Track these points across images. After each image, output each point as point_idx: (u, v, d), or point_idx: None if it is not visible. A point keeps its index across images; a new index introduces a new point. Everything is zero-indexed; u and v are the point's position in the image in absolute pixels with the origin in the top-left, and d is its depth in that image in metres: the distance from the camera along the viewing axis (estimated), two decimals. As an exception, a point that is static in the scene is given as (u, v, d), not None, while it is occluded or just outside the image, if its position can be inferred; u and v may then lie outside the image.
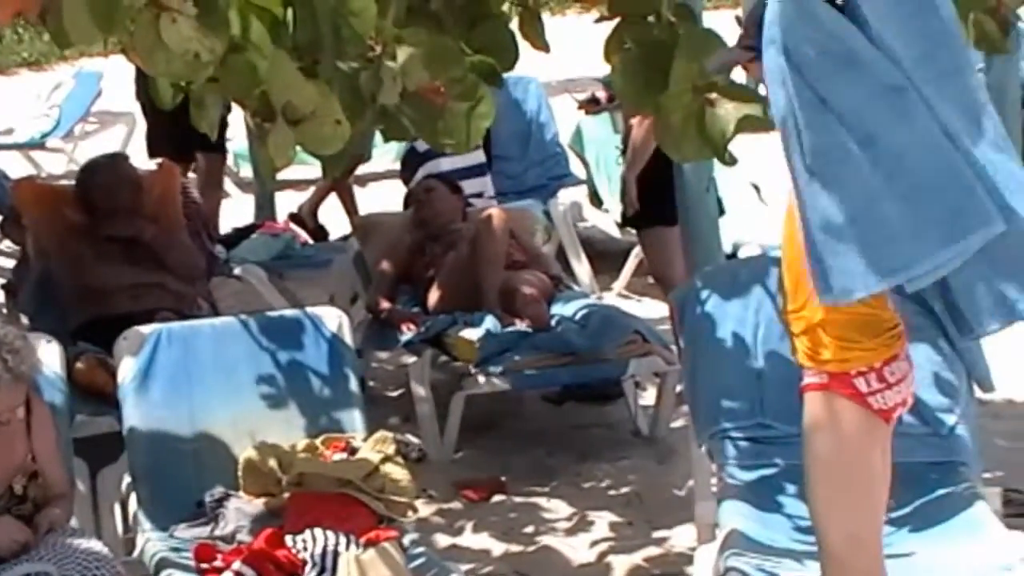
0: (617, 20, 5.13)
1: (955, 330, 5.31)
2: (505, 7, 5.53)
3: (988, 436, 6.61)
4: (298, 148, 4.35)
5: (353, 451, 5.82)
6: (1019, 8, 5.60)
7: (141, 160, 9.32)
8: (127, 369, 6.12)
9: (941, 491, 5.54)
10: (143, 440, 6.07)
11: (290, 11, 4.12)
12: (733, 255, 8.49)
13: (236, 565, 5.33)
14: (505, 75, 5.11)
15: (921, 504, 5.51)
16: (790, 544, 5.33)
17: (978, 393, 6.13)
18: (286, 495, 5.65)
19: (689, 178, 6.89)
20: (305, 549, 5.37)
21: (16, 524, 5.22)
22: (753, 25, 4.71)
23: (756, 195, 10.11)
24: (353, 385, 6.27)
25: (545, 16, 5.27)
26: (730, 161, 5.23)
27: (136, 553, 5.77)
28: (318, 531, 5.42)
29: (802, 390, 4.76)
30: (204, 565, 5.41)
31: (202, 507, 5.84)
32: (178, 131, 7.11)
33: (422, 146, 8.99)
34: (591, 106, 10.33)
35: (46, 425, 5.54)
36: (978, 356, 6.15)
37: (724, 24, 5.67)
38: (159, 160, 8.86)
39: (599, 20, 5.20)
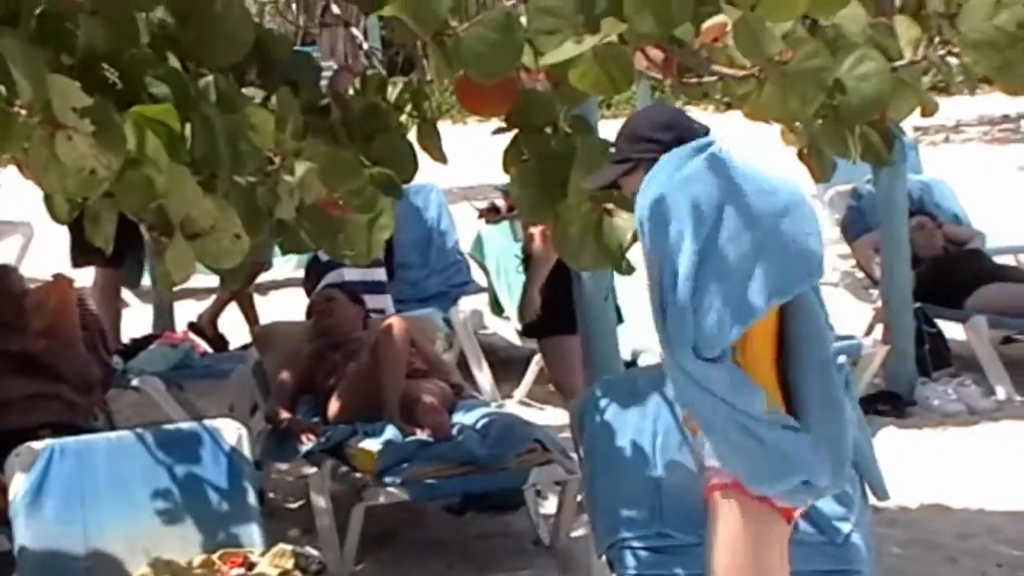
0: (515, 131, 5.18)
1: None
2: (403, 119, 5.59)
3: (883, 544, 6.68)
4: (197, 258, 4.37)
5: (251, 566, 5.78)
6: (902, 121, 5.70)
7: (44, 269, 9.30)
8: (19, 486, 6.05)
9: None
10: (34, 560, 5.99)
11: (188, 126, 4.13)
12: (632, 363, 8.51)
13: None
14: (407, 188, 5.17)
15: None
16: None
17: (872, 501, 6.22)
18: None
19: (588, 287, 6.94)
20: None
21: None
22: (626, 139, 4.81)
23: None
24: (251, 498, 6.24)
25: (446, 124, 5.32)
26: (627, 270, 5.28)
27: None
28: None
29: (707, 491, 4.79)
30: None
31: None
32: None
33: (325, 255, 9.00)
34: (491, 215, 10.37)
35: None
36: (872, 464, 6.22)
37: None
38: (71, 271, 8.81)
39: (496, 132, 5.25)
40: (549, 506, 8.00)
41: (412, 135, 5.63)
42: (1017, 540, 7.66)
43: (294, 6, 5.04)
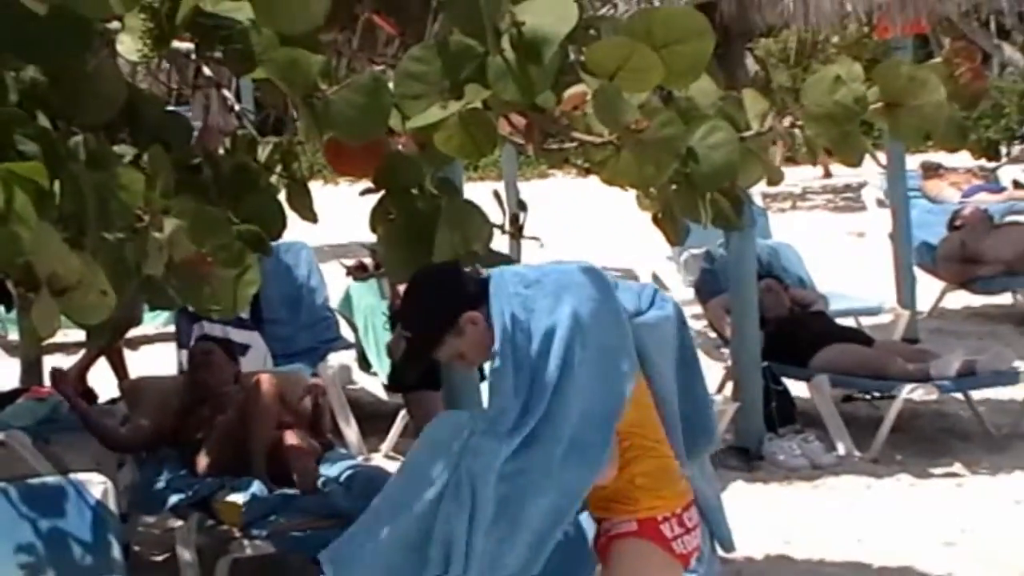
0: (382, 192, 5.17)
1: None
2: (273, 178, 5.55)
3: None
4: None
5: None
6: (750, 189, 5.77)
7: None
8: None
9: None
10: None
11: (56, 183, 4.07)
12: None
13: None
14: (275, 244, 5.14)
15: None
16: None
17: (720, 552, 6.24)
18: None
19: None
20: None
21: None
22: None
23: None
24: (116, 552, 6.17)
25: (318, 184, 5.30)
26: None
27: None
28: None
29: (607, 541, 4.86)
30: None
31: None
32: None
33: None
34: (359, 272, 10.41)
35: None
36: (720, 517, 6.23)
37: (484, 196, 5.75)
38: None
39: (364, 193, 5.23)
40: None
41: (283, 194, 5.63)
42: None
43: (166, 67, 5.00)
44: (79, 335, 9.14)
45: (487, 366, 5.13)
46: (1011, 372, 10.49)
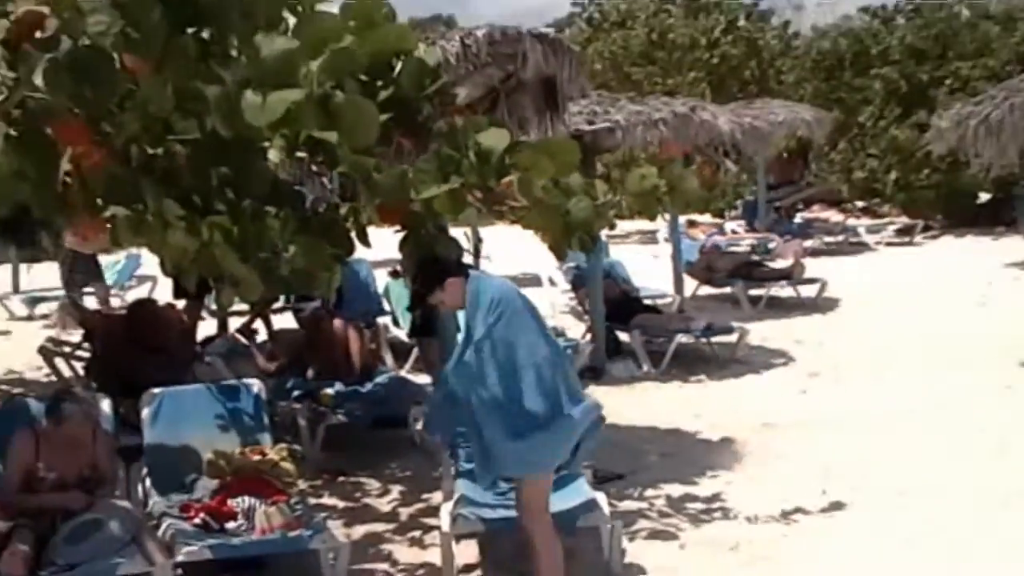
0: (406, 232, 5.08)
1: None
2: (348, 224, 5.47)
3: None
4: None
5: (264, 454, 5.68)
6: (600, 231, 5.71)
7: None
8: (145, 411, 5.95)
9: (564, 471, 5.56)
10: (155, 451, 5.88)
11: (235, 228, 4.04)
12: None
13: (202, 515, 5.19)
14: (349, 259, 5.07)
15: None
16: (491, 500, 5.32)
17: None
18: (229, 478, 5.50)
19: (445, 316, 6.91)
20: (238, 506, 5.25)
21: (82, 495, 5.02)
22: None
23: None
24: (265, 420, 6.16)
25: (372, 228, 5.17)
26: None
27: (148, 508, 5.57)
28: (245, 496, 5.30)
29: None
30: (185, 515, 5.27)
31: (184, 485, 5.66)
32: None
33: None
34: (394, 275, 10.38)
35: (103, 441, 5.35)
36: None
37: (460, 234, 5.72)
38: None
39: (396, 232, 5.11)
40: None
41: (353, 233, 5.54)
42: (671, 452, 7.69)
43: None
44: (244, 307, 9.08)
45: (462, 322, 5.10)
46: (728, 327, 10.55)
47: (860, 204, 22.51)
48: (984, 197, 21.03)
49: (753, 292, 13.32)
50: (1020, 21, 22.09)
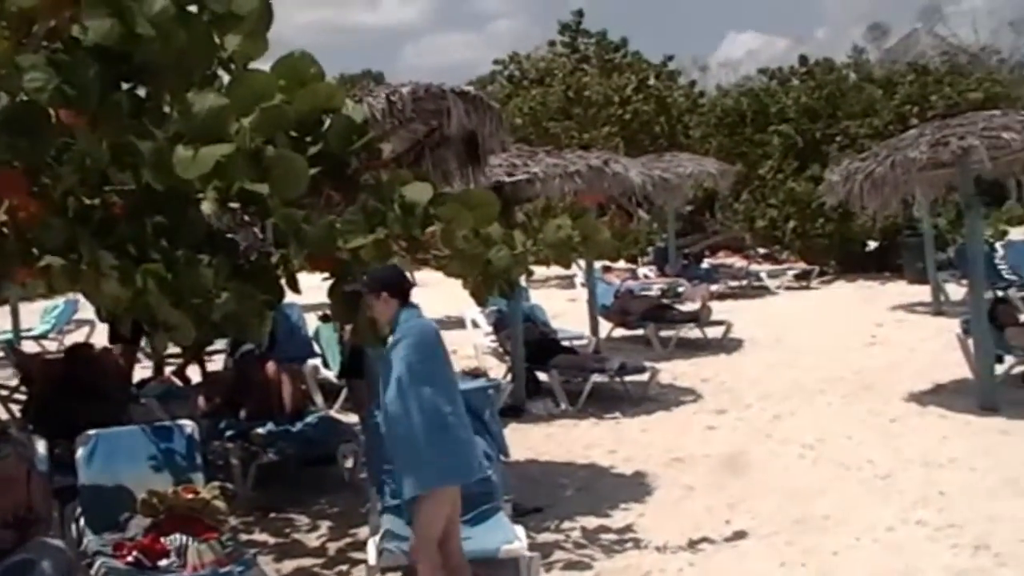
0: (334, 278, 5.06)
1: None
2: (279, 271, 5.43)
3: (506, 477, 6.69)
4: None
5: (196, 492, 5.55)
6: (519, 277, 5.74)
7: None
8: (82, 454, 5.76)
9: (485, 505, 5.55)
10: (90, 490, 5.72)
11: (169, 275, 3.98)
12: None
13: (134, 553, 5.06)
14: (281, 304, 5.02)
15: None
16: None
17: (502, 457, 6.23)
18: (162, 516, 5.36)
19: (370, 353, 6.86)
20: (171, 544, 5.12)
21: (12, 533, 4.86)
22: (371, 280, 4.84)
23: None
24: (199, 460, 6.00)
25: (303, 274, 5.13)
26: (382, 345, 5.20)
27: (82, 547, 5.40)
28: (177, 534, 5.17)
29: None
30: (118, 553, 5.13)
31: (118, 524, 5.50)
32: None
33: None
34: (324, 319, 10.27)
35: (37, 482, 5.18)
36: (502, 439, 6.24)
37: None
38: None
39: (325, 279, 5.08)
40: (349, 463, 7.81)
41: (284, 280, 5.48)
42: (586, 486, 7.67)
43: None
44: (178, 350, 8.89)
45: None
46: (641, 367, 10.61)
47: (762, 250, 22.95)
48: (872, 245, 21.58)
49: (664, 333, 13.44)
50: (900, 85, 22.85)
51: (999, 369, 9.49)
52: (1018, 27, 49.27)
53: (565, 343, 11.45)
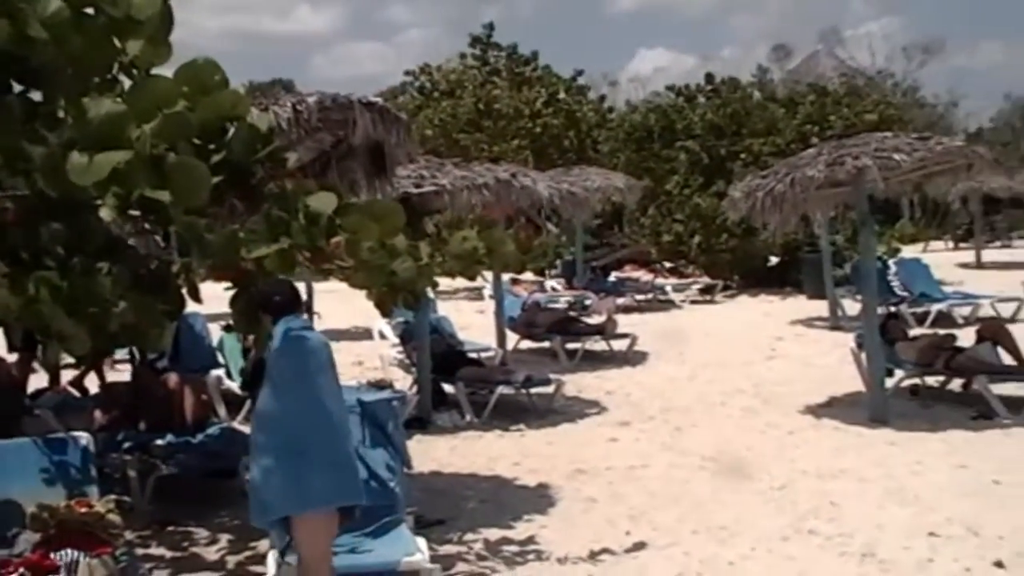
0: (236, 288, 5.00)
1: None
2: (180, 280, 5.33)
3: (410, 489, 6.67)
4: None
5: (90, 506, 5.39)
6: (424, 289, 5.74)
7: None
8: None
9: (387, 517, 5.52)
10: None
11: (65, 283, 3.88)
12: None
13: (21, 569, 4.91)
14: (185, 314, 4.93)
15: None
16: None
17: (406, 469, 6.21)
18: (52, 531, 5.20)
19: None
20: (61, 560, 4.97)
21: None
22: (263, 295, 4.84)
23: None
24: (93, 473, 5.82)
25: (207, 284, 5.07)
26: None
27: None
28: (68, 550, 5.00)
29: None
30: (3, 571, 4.96)
31: (6, 539, 5.32)
32: None
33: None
34: (227, 328, 10.07)
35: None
36: (406, 451, 6.22)
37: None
38: None
39: (227, 289, 5.02)
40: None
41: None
42: (490, 498, 7.69)
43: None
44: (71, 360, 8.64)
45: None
46: (546, 379, 10.67)
47: (668, 265, 23.33)
48: (774, 260, 22.10)
49: (570, 346, 13.56)
50: (801, 105, 23.51)
51: (889, 382, 9.80)
52: (910, 53, 51.18)
53: (472, 355, 11.48)
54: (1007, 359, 9.78)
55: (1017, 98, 51.25)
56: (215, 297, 4.99)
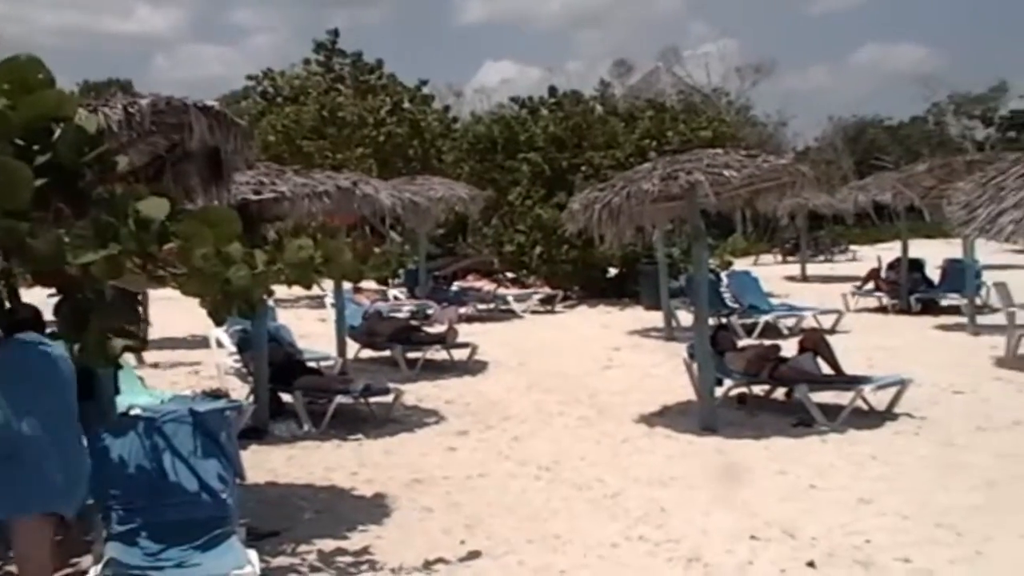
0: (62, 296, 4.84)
1: None
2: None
3: (245, 501, 6.55)
4: None
5: None
6: (259, 298, 5.64)
7: None
8: None
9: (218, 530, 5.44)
10: None
11: None
12: (125, 414, 8.01)
13: None
14: None
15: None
16: (141, 562, 5.10)
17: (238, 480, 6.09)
18: None
19: (99, 374, 6.55)
20: None
21: None
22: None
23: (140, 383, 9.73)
24: None
25: (35, 290, 4.91)
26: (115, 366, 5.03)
27: None
28: None
29: None
30: None
31: None
32: None
33: None
34: (55, 336, 9.66)
35: None
36: (239, 460, 6.13)
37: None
38: None
39: (50, 296, 4.88)
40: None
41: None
42: (326, 508, 7.61)
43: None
44: None
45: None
46: (385, 388, 10.64)
47: (510, 275, 23.63)
48: (613, 272, 22.68)
49: (411, 355, 13.57)
50: (640, 120, 24.26)
51: (718, 392, 10.23)
52: (744, 73, 53.52)
53: (311, 364, 11.36)
54: (826, 369, 10.36)
55: (839, 119, 54.29)
56: (40, 303, 4.83)
